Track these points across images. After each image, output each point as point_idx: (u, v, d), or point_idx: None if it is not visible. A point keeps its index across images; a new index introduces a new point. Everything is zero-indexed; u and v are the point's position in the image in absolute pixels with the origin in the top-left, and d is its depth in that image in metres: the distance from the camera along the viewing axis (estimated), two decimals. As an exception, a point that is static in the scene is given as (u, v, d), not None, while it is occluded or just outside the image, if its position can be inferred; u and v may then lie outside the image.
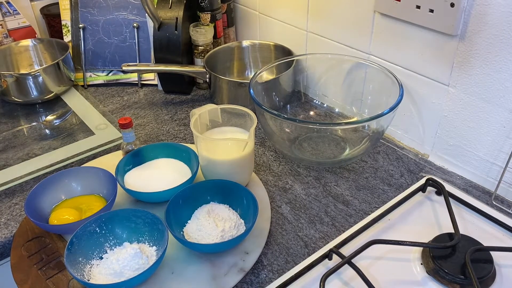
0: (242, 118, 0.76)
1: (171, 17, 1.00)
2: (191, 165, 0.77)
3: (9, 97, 1.01)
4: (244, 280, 0.62)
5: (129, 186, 0.72)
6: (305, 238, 0.68)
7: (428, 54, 0.75)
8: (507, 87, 0.67)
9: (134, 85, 1.13)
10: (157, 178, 0.74)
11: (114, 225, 0.65)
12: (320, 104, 1.00)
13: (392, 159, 0.84)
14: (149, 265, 0.60)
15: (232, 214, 0.67)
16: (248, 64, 1.12)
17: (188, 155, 0.77)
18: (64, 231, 0.68)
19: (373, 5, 0.80)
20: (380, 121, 0.75)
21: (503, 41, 0.64)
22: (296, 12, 0.99)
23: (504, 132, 0.70)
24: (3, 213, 0.74)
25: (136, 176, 0.75)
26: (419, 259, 0.63)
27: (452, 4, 0.67)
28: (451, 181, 0.78)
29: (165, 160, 0.79)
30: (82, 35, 1.12)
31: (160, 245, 0.63)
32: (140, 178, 0.74)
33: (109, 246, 0.64)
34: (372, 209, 0.73)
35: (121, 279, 0.58)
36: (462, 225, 0.64)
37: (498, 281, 0.58)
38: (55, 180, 0.72)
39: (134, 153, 0.77)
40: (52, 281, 0.61)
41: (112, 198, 0.68)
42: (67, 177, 0.73)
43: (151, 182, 0.73)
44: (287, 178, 0.80)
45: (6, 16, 1.14)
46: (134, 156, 0.77)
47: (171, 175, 0.75)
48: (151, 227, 0.65)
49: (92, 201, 0.72)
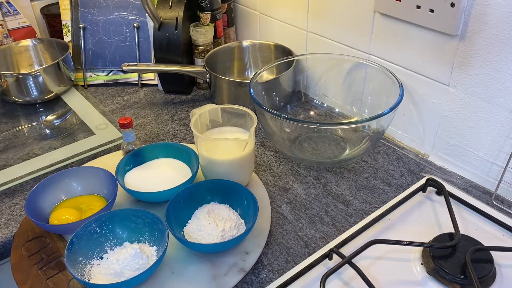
0: (242, 118, 0.76)
1: (171, 17, 1.00)
2: (191, 165, 0.77)
3: (9, 97, 1.01)
4: (244, 280, 0.62)
5: (129, 186, 0.72)
6: (305, 238, 0.68)
7: (428, 54, 0.75)
8: (507, 87, 0.67)
9: (134, 85, 1.13)
10: (157, 178, 0.74)
11: (114, 225, 0.65)
12: (320, 104, 1.00)
13: (392, 159, 0.84)
14: (149, 265, 0.60)
15: (232, 214, 0.67)
16: (248, 64, 1.12)
17: (189, 155, 0.77)
18: (64, 231, 0.68)
19: (373, 5, 0.80)
20: (380, 121, 0.75)
21: (503, 41, 0.64)
22: (296, 12, 0.99)
23: (504, 132, 0.70)
24: (4, 213, 0.74)
25: (136, 176, 0.75)
26: (419, 259, 0.63)
27: (452, 4, 0.67)
28: (451, 181, 0.78)
29: (165, 160, 0.79)
30: (82, 35, 1.12)
31: (161, 245, 0.63)
32: (140, 178, 0.74)
33: (109, 246, 0.64)
34: (372, 209, 0.73)
35: (121, 279, 0.58)
36: (462, 225, 0.64)
37: (498, 281, 0.58)
38: (55, 180, 0.72)
39: (134, 153, 0.77)
40: (52, 281, 0.61)
41: (112, 198, 0.68)
42: (67, 177, 0.73)
43: (151, 182, 0.73)
44: (287, 178, 0.80)
45: (6, 16, 1.14)
46: (134, 156, 0.77)
47: (171, 175, 0.75)
48: (152, 227, 0.65)
49: (93, 201, 0.72)
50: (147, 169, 0.77)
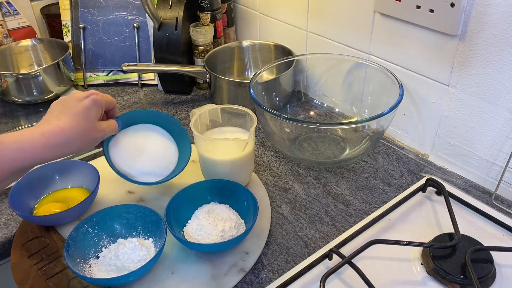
0: (242, 118, 0.76)
1: (171, 17, 1.00)
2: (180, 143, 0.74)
3: (9, 97, 1.01)
4: (244, 280, 0.62)
5: (114, 159, 0.68)
6: (305, 238, 0.68)
7: (428, 54, 0.75)
8: (507, 87, 0.67)
9: (134, 85, 1.13)
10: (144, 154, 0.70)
11: (106, 224, 0.65)
12: (320, 104, 1.00)
13: (392, 159, 0.84)
14: (150, 255, 0.61)
15: (232, 214, 0.67)
16: (248, 64, 1.12)
17: (172, 126, 0.74)
18: (50, 222, 0.69)
19: (373, 5, 0.80)
20: (380, 121, 0.75)
21: (503, 41, 0.64)
22: (296, 12, 0.99)
23: (504, 132, 0.70)
24: (3, 213, 0.74)
25: (122, 144, 0.70)
26: (419, 259, 0.63)
27: (452, 4, 0.67)
28: (451, 181, 0.78)
29: (149, 129, 0.73)
30: (82, 35, 1.12)
31: (156, 236, 0.64)
32: (126, 148, 0.69)
33: (104, 245, 0.65)
34: (372, 209, 0.73)
35: (124, 273, 0.58)
36: (462, 225, 0.64)
37: (498, 281, 0.58)
38: (38, 173, 0.73)
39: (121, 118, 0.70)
40: (52, 281, 0.61)
41: (94, 188, 0.70)
42: (50, 170, 0.74)
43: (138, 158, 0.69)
44: (287, 178, 0.80)
45: (6, 16, 1.14)
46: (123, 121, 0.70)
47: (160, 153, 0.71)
48: (144, 220, 0.65)
49: (77, 194, 0.73)
50: (131, 140, 0.71)
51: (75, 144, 0.58)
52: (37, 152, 0.55)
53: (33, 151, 0.55)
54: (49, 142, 0.56)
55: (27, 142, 0.55)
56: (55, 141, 0.56)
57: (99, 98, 0.62)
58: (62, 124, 0.57)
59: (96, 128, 0.61)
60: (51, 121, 0.58)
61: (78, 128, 0.58)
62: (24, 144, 0.55)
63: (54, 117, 0.58)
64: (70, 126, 0.57)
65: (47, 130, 0.56)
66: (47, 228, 0.69)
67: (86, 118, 0.59)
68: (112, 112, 0.67)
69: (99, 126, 0.62)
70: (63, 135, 0.57)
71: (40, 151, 0.55)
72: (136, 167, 0.70)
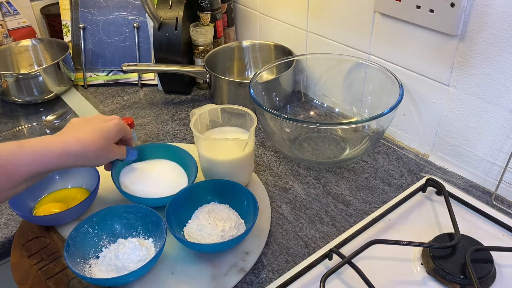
0: (242, 118, 0.76)
1: (171, 17, 1.00)
2: (188, 171, 0.75)
3: (9, 97, 1.01)
4: (244, 280, 0.62)
5: (123, 185, 0.71)
6: (305, 238, 0.68)
7: (428, 54, 0.75)
8: (507, 87, 0.67)
9: (134, 85, 1.13)
10: (152, 180, 0.73)
11: (106, 224, 0.65)
12: (320, 104, 1.00)
13: (392, 159, 0.84)
14: (151, 255, 0.61)
15: (232, 214, 0.67)
16: (248, 64, 1.12)
17: (186, 160, 0.75)
18: (49, 223, 0.69)
19: (373, 5, 0.80)
20: (380, 121, 0.75)
21: (503, 41, 0.64)
22: (296, 12, 0.99)
23: (504, 132, 0.70)
24: (3, 213, 0.74)
25: (131, 173, 0.73)
26: (419, 259, 0.63)
27: (452, 4, 0.67)
28: (451, 181, 0.78)
29: (163, 162, 0.77)
30: (82, 35, 1.12)
31: (156, 236, 0.64)
32: (135, 177, 0.73)
33: (104, 245, 0.65)
34: (372, 209, 0.73)
35: (124, 273, 0.58)
36: (462, 225, 0.64)
37: (498, 281, 0.59)
38: None
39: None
40: (52, 281, 0.61)
41: (94, 189, 0.70)
42: None
43: (146, 183, 0.72)
44: (287, 178, 0.80)
45: (6, 16, 1.14)
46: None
47: (167, 179, 0.73)
48: (144, 220, 0.66)
49: (77, 194, 0.73)
50: (143, 168, 0.75)
51: (90, 156, 0.61)
52: (54, 158, 0.57)
53: (51, 157, 0.57)
54: (67, 149, 0.58)
55: (46, 148, 0.57)
56: (73, 150, 0.59)
57: (122, 124, 0.67)
58: (83, 136, 0.60)
59: (111, 149, 0.65)
60: (70, 133, 0.61)
61: (97, 144, 0.61)
62: (43, 149, 0.57)
63: (73, 130, 0.62)
64: (90, 140, 0.61)
65: (67, 139, 0.59)
66: (47, 228, 0.69)
67: (106, 137, 0.63)
68: (127, 142, 0.71)
69: (113, 148, 0.66)
70: (81, 146, 0.60)
71: (57, 157, 0.58)
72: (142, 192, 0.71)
